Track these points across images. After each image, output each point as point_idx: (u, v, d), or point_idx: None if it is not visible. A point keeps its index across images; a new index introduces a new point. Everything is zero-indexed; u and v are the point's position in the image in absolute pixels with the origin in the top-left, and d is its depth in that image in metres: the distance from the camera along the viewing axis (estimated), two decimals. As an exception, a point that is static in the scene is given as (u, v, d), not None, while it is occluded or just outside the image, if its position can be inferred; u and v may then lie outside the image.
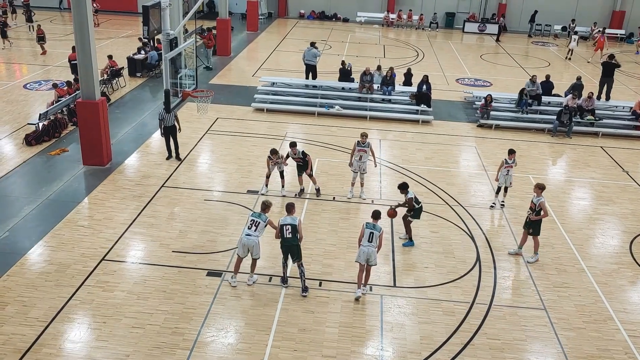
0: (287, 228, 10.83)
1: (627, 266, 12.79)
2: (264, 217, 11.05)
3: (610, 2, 41.86)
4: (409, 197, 12.69)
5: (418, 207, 12.85)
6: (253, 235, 10.95)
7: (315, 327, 10.28)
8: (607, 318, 11.01)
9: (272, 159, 14.71)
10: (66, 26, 36.17)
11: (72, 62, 22.44)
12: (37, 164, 16.29)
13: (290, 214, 10.98)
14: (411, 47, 35.68)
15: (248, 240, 10.95)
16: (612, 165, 18.37)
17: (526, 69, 31.01)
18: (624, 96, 25.63)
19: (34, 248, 12.19)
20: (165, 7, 13.71)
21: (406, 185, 12.81)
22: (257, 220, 10.99)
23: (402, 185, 12.79)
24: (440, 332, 10.34)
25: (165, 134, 16.51)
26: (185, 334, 9.93)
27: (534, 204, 12.42)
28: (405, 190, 12.71)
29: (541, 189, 12.43)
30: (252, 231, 10.95)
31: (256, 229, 10.97)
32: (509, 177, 14.84)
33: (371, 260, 10.99)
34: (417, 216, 12.98)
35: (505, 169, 14.78)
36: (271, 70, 27.94)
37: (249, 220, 11.06)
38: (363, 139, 14.76)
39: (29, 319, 10.07)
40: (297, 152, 14.67)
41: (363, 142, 14.73)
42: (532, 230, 12.62)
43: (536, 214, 12.41)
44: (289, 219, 10.92)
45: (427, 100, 21.90)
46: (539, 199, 12.33)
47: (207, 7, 43.67)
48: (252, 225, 10.97)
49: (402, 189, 12.75)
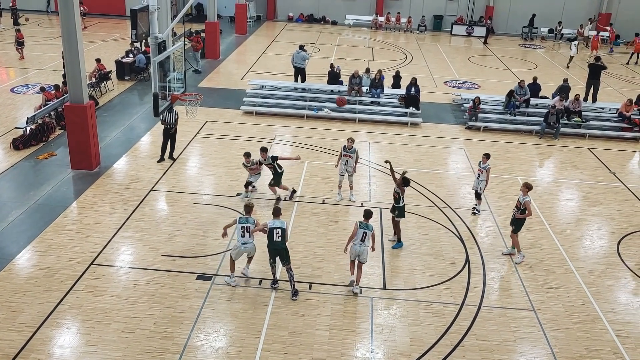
0: (277, 231, 10.92)
1: (614, 267, 12.91)
2: (251, 220, 11.22)
3: (597, 4, 42.25)
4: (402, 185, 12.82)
5: (400, 206, 12.89)
6: (250, 243, 11.21)
7: (305, 330, 10.29)
8: (595, 318, 11.10)
9: (247, 164, 14.69)
10: (54, 29, 35.95)
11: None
12: (25, 168, 16.19)
13: (278, 217, 11.09)
14: (400, 50, 35.81)
15: (246, 247, 11.23)
16: (599, 167, 18.54)
17: (514, 71, 31.22)
18: (610, 98, 25.86)
19: (22, 253, 12.10)
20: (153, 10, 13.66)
21: (408, 183, 12.92)
22: (247, 226, 11.13)
23: (406, 181, 12.85)
24: (430, 334, 10.38)
25: (165, 135, 16.57)
26: (175, 338, 9.90)
27: (520, 202, 12.56)
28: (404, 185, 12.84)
29: (528, 188, 12.56)
30: (247, 238, 11.16)
31: (249, 234, 11.17)
32: (479, 182, 14.61)
33: (362, 258, 11.18)
34: (402, 215, 13.01)
35: (477, 173, 14.75)
36: (260, 73, 27.94)
37: (240, 228, 11.15)
38: (349, 143, 14.70)
39: (17, 324, 10.00)
40: (267, 157, 14.52)
41: (349, 148, 14.70)
42: (514, 228, 12.77)
43: (521, 212, 12.54)
44: (278, 222, 11.02)
45: (416, 103, 21.98)
46: (525, 198, 12.45)
47: (195, 10, 43.59)
48: (245, 232, 11.12)
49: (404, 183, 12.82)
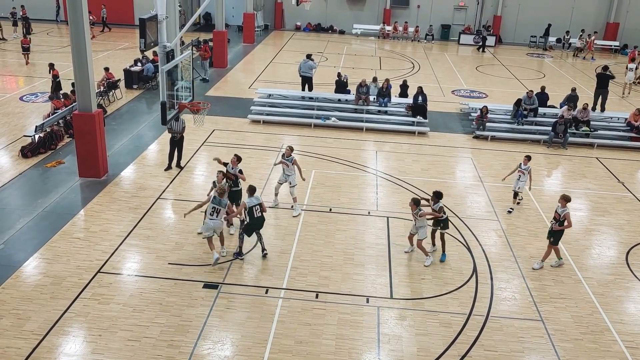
0: (256, 208, 12.02)
1: (623, 277, 12.80)
2: (224, 203, 12.02)
3: (605, 14, 42.21)
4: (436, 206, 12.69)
5: (444, 219, 12.83)
6: (217, 220, 12.04)
7: (312, 340, 10.24)
8: (604, 329, 10.99)
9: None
10: (63, 38, 36.24)
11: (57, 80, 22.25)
12: (33, 176, 16.26)
13: (253, 195, 12.01)
14: (407, 59, 35.86)
15: (214, 223, 12.03)
16: (607, 176, 18.43)
17: (522, 80, 31.18)
18: (618, 107, 25.77)
19: (30, 260, 12.13)
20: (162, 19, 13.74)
21: (440, 195, 12.79)
22: (218, 208, 11.98)
23: (438, 194, 12.77)
24: (437, 344, 10.31)
25: (172, 143, 16.63)
26: (182, 346, 9.88)
27: (559, 214, 12.54)
28: (437, 199, 12.71)
29: (566, 200, 12.56)
30: (215, 217, 12.01)
31: (218, 215, 12.02)
32: (519, 183, 15.35)
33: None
34: (447, 227, 13.01)
35: (518, 174, 15.36)
36: (268, 82, 28.03)
37: (211, 208, 11.98)
38: (287, 151, 14.61)
39: (24, 332, 10.01)
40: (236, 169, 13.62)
41: (288, 155, 14.56)
42: (552, 240, 12.75)
43: (559, 224, 12.52)
44: (255, 199, 12.02)
45: (423, 112, 21.97)
46: (564, 210, 12.47)
47: (203, 19, 43.88)
48: (214, 212, 11.99)
49: (435, 197, 12.73)
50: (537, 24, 41.86)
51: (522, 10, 42.61)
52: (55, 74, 22.23)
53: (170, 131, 16.64)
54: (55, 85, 22.05)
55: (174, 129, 16.56)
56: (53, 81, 22.20)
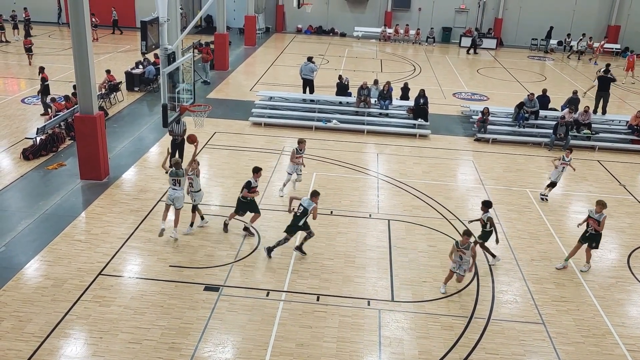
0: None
1: (625, 280, 12.78)
2: (181, 173, 13.14)
3: (606, 16, 42.23)
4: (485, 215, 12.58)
5: (486, 230, 12.69)
6: (179, 190, 13.12)
7: (313, 342, 10.23)
8: (605, 332, 10.97)
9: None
10: (64, 41, 36.31)
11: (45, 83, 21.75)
12: (34, 178, 16.27)
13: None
14: (408, 62, 35.88)
15: (176, 193, 13.11)
16: (609, 179, 18.41)
17: (523, 83, 31.18)
18: (620, 110, 25.76)
19: (31, 263, 12.13)
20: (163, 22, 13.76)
21: (490, 204, 12.75)
22: (178, 179, 13.13)
23: (487, 203, 12.74)
24: (439, 347, 10.30)
25: (173, 147, 16.65)
26: (182, 349, 9.87)
27: (595, 220, 12.57)
28: (487, 208, 12.64)
29: (603, 206, 12.55)
30: (178, 187, 13.13)
31: (180, 185, 13.14)
32: (557, 173, 16.15)
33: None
34: (485, 239, 12.83)
35: (561, 166, 16.14)
36: (269, 84, 28.05)
37: (171, 181, 13.11)
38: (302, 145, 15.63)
39: (25, 334, 10.01)
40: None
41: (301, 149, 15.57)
42: (594, 244, 12.82)
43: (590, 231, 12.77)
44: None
45: (424, 115, 21.97)
46: (602, 216, 12.52)
47: (205, 21, 43.94)
48: (175, 183, 13.10)
49: (485, 206, 12.68)
50: (538, 26, 41.89)
51: (523, 12, 42.64)
52: (44, 77, 21.97)
53: (171, 133, 16.65)
54: (43, 88, 21.83)
55: (175, 132, 16.57)
56: (41, 84, 22.01)
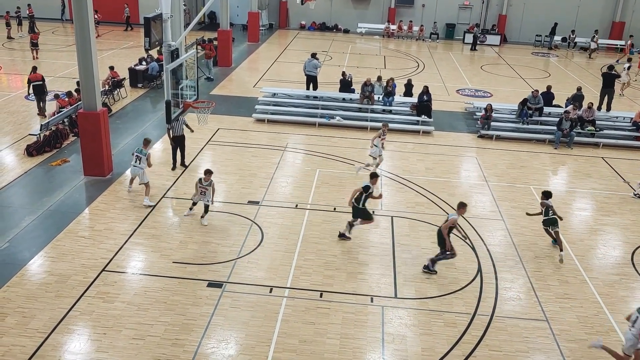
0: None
1: (628, 277, 12.75)
2: (144, 152, 14.31)
3: (610, 13, 42.06)
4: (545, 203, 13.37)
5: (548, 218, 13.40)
6: (138, 167, 14.35)
7: (316, 339, 10.24)
8: (609, 329, 10.96)
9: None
10: (68, 37, 36.33)
11: (33, 84, 21.25)
12: (38, 174, 16.30)
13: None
14: (412, 58, 35.80)
15: (135, 170, 14.47)
16: (613, 176, 18.36)
17: (527, 80, 31.09)
18: (624, 107, 25.67)
19: (35, 259, 12.17)
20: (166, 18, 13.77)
21: (549, 195, 13.51)
22: (140, 156, 14.32)
23: (547, 193, 13.54)
24: (442, 344, 10.29)
25: (174, 143, 16.65)
26: (186, 345, 9.89)
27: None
28: (546, 197, 13.45)
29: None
30: (137, 164, 14.32)
31: (140, 161, 14.32)
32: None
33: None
34: (547, 225, 13.50)
35: None
36: (272, 81, 28.02)
37: (135, 157, 14.36)
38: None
39: (29, 330, 10.04)
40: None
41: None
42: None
43: None
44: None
45: (428, 111, 21.93)
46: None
47: (208, 18, 43.89)
48: (137, 160, 14.32)
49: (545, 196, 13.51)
50: (543, 23, 41.74)
51: (527, 9, 42.49)
52: (31, 79, 21.44)
53: (170, 131, 16.57)
54: (29, 88, 21.71)
55: (175, 129, 16.51)
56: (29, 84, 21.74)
